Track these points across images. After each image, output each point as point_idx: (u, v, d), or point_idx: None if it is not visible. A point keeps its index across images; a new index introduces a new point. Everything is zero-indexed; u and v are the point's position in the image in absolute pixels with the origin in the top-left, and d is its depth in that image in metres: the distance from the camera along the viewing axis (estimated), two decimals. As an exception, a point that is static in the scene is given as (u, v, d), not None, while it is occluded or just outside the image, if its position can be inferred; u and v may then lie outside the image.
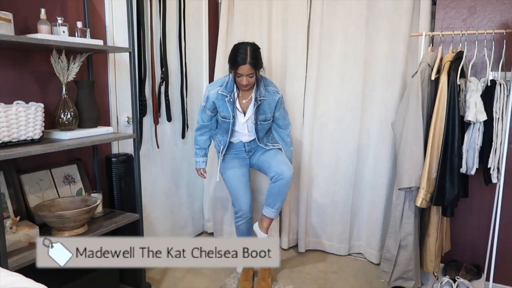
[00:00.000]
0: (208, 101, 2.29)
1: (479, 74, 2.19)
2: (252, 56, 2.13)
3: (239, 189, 2.36)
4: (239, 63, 2.12)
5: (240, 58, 2.12)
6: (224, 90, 2.26)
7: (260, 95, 2.25)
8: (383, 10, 2.49)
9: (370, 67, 2.59)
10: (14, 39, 1.54)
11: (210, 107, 2.31)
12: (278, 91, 2.33)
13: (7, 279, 1.09)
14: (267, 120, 2.32)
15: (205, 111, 2.34)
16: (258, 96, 2.25)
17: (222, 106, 2.28)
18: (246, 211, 2.35)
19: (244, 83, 2.16)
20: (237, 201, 2.36)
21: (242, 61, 2.11)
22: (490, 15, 2.18)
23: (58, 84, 1.88)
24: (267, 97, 2.27)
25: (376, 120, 2.60)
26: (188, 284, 2.42)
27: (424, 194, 2.01)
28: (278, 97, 2.30)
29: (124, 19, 2.02)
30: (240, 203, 2.35)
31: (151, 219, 2.64)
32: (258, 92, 2.26)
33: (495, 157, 1.97)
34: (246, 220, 2.39)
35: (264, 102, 2.27)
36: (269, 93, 2.28)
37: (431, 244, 2.16)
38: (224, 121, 2.32)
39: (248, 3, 2.83)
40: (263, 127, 2.34)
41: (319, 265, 2.69)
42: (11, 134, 1.59)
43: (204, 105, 2.32)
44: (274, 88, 2.32)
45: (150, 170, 2.59)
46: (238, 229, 2.43)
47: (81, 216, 1.77)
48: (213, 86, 2.32)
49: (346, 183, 2.74)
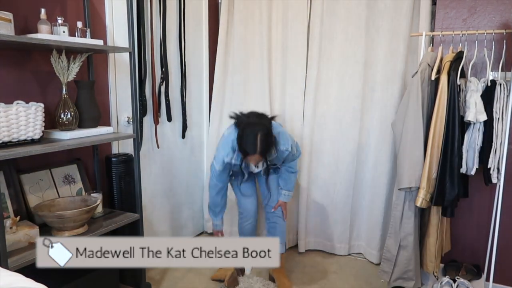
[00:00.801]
0: (222, 162, 2.19)
1: (479, 74, 2.19)
2: (262, 145, 2.00)
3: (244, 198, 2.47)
4: (248, 153, 2.03)
5: (249, 148, 2.01)
6: (237, 159, 2.17)
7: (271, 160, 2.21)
8: (383, 10, 2.49)
9: (370, 67, 2.59)
10: (14, 39, 1.54)
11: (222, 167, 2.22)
12: (288, 149, 2.20)
13: (7, 279, 1.09)
14: (277, 165, 2.36)
15: (217, 171, 2.24)
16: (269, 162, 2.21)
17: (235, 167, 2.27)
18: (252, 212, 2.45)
19: (253, 164, 2.22)
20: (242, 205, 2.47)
21: (252, 150, 2.01)
22: (490, 15, 2.18)
23: (58, 84, 1.88)
24: (276, 155, 2.19)
25: (376, 120, 2.60)
26: (188, 284, 2.42)
27: (424, 194, 2.01)
28: (286, 154, 2.21)
29: (124, 19, 2.02)
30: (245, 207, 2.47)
31: (151, 219, 2.64)
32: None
33: (495, 157, 1.97)
34: (250, 222, 2.44)
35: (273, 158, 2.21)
36: (279, 151, 2.18)
37: (431, 244, 2.16)
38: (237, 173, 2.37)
39: (248, 3, 2.83)
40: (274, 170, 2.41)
41: (319, 265, 2.69)
42: (11, 134, 1.59)
43: (221, 169, 2.22)
44: (283, 147, 2.19)
45: (150, 170, 2.59)
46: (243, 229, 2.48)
47: (81, 216, 1.77)
48: (225, 150, 2.18)
49: (346, 183, 2.74)
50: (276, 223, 2.44)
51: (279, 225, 2.45)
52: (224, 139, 2.23)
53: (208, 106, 3.02)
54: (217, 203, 2.36)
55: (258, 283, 2.39)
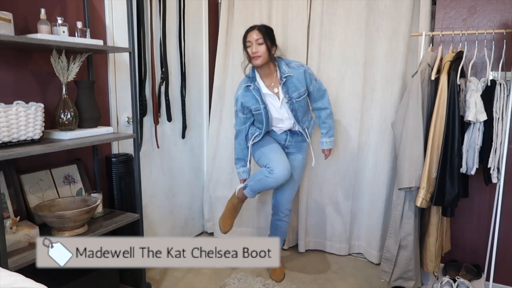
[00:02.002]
0: (237, 102, 2.29)
1: (479, 74, 2.19)
2: (262, 25, 2.22)
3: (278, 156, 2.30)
4: (247, 31, 2.21)
5: (249, 28, 2.22)
6: (248, 81, 2.27)
7: (284, 73, 2.21)
8: (383, 10, 2.49)
9: (370, 67, 2.59)
10: (14, 39, 1.54)
11: (241, 109, 2.29)
12: (303, 65, 2.28)
13: (7, 279, 1.09)
14: (301, 96, 2.25)
15: (238, 114, 2.32)
16: (283, 74, 2.21)
17: (250, 100, 2.25)
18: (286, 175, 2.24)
19: (253, 50, 2.16)
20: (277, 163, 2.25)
21: (251, 28, 2.21)
22: (490, 15, 2.18)
23: (58, 84, 1.88)
24: (292, 73, 2.21)
25: (376, 120, 2.60)
26: (188, 284, 2.43)
27: (424, 194, 2.01)
28: (303, 69, 2.24)
29: (124, 19, 2.02)
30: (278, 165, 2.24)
31: (151, 219, 2.64)
32: (281, 71, 2.23)
33: (495, 157, 1.97)
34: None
35: (291, 78, 2.21)
36: (293, 68, 2.22)
37: (431, 244, 2.16)
38: (258, 114, 2.27)
39: (248, 3, 2.83)
40: (300, 105, 2.27)
41: (319, 265, 2.69)
42: (11, 134, 1.59)
43: (236, 109, 2.32)
44: (297, 63, 2.27)
45: (150, 170, 2.59)
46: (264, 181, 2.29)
47: (81, 216, 1.77)
48: (239, 87, 2.33)
49: (346, 183, 2.74)
50: (281, 220, 2.47)
51: (281, 228, 2.50)
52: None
53: (208, 106, 3.02)
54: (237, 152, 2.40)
55: (258, 283, 2.39)
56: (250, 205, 2.95)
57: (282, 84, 2.22)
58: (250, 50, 2.18)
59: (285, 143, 2.41)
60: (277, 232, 2.54)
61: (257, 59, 2.18)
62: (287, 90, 2.22)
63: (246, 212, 2.93)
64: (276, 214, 2.51)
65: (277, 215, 2.51)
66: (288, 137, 2.39)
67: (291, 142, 2.41)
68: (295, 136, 2.40)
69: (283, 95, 2.24)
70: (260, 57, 2.17)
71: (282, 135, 2.39)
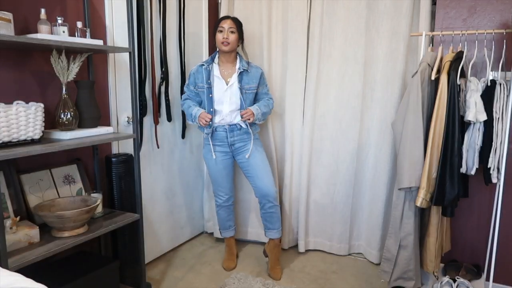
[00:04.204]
0: (190, 76, 2.48)
1: (479, 74, 2.20)
2: (235, 17, 2.44)
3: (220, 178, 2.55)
4: (222, 18, 2.42)
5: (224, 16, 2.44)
6: (205, 62, 2.45)
7: (243, 66, 2.42)
8: (383, 10, 2.49)
9: (370, 67, 2.59)
10: (14, 39, 1.54)
11: (192, 82, 2.46)
12: (261, 68, 2.54)
13: (7, 279, 1.09)
14: (251, 90, 2.45)
15: (189, 87, 2.50)
16: (242, 66, 2.42)
17: (200, 78, 2.43)
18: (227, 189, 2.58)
19: (224, 35, 2.34)
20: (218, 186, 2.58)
21: (226, 17, 2.42)
22: (490, 15, 2.18)
23: (58, 84, 1.88)
24: (250, 70, 2.45)
25: (376, 120, 2.60)
26: (188, 284, 2.43)
27: (424, 194, 2.01)
28: (260, 71, 2.50)
29: (124, 19, 2.03)
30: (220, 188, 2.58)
31: (151, 219, 2.64)
32: (241, 63, 2.44)
33: (495, 157, 1.97)
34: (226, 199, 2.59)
35: (248, 73, 2.44)
36: (252, 67, 2.48)
37: (431, 244, 2.16)
38: (201, 92, 2.44)
39: (248, 3, 2.83)
40: (247, 97, 2.44)
41: (319, 265, 2.69)
42: (11, 134, 1.59)
43: (188, 82, 2.51)
44: (256, 65, 2.54)
45: (150, 170, 2.59)
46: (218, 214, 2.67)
47: (81, 216, 1.77)
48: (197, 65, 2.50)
49: (346, 183, 2.74)
50: (274, 206, 2.50)
51: (275, 213, 2.53)
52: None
53: (208, 106, 3.02)
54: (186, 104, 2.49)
55: (258, 283, 2.39)
56: (252, 205, 2.96)
57: (238, 74, 2.41)
58: (221, 35, 2.36)
59: (228, 140, 2.45)
60: (273, 221, 2.52)
61: (226, 45, 2.36)
62: (241, 80, 2.42)
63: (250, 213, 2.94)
64: (267, 203, 2.47)
65: (268, 203, 2.47)
66: (228, 133, 2.44)
67: (233, 137, 2.45)
68: (236, 130, 2.45)
69: (234, 81, 2.40)
70: (229, 44, 2.36)
71: (222, 133, 2.44)
